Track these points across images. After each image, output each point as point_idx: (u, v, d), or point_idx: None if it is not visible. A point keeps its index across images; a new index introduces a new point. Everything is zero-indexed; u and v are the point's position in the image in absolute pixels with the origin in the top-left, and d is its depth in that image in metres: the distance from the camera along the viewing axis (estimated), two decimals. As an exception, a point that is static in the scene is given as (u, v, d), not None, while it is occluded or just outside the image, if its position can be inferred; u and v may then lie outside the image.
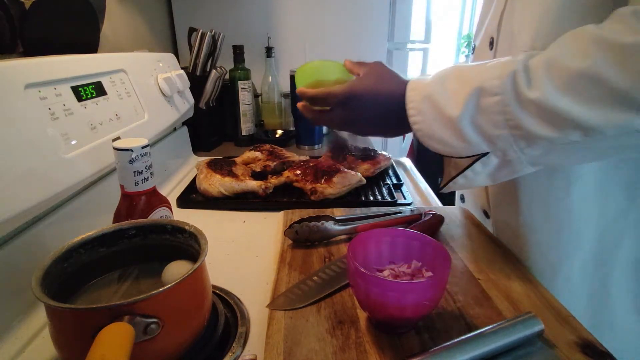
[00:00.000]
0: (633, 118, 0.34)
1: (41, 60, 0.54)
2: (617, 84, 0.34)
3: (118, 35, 0.94)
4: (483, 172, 0.45)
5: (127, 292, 0.43)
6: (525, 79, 0.39)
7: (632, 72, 0.33)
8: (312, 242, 0.59)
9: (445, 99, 0.44)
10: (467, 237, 0.61)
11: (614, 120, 0.35)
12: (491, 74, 0.41)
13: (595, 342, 0.39)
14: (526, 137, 0.40)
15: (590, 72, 0.35)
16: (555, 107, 0.36)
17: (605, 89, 0.34)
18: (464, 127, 0.42)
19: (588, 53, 0.35)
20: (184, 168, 1.01)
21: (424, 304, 0.39)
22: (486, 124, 0.41)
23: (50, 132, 0.51)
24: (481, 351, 0.37)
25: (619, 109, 0.34)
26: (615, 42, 0.34)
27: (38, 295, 0.33)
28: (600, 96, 0.35)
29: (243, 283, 0.53)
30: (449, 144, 0.44)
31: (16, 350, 0.43)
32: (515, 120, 0.39)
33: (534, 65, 0.39)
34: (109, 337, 0.30)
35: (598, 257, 0.52)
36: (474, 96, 0.41)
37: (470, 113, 0.42)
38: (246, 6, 1.27)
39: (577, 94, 0.36)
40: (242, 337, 0.44)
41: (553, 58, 0.38)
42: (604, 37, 0.35)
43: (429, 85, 0.46)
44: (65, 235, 0.45)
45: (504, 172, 0.44)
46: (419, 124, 0.46)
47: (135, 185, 0.48)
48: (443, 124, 0.44)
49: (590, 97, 0.35)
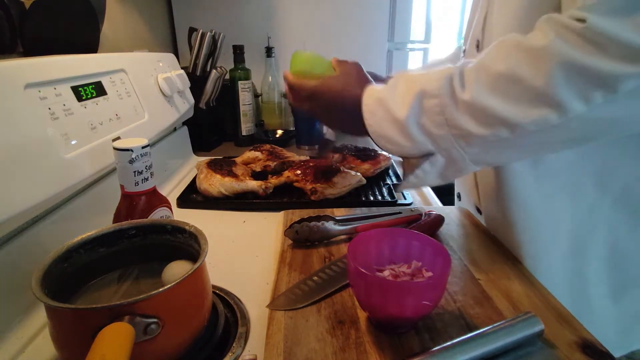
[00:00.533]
0: (547, 114, 0.37)
1: (41, 60, 0.54)
2: (532, 82, 0.37)
3: (118, 35, 0.94)
4: (432, 171, 0.48)
5: (127, 292, 0.43)
6: (459, 82, 0.42)
7: (543, 72, 0.36)
8: (312, 242, 0.59)
9: (393, 101, 0.47)
10: (467, 237, 0.61)
11: (532, 116, 0.38)
12: (432, 78, 0.45)
13: (596, 342, 0.39)
14: (464, 135, 0.43)
15: (509, 72, 0.39)
16: (484, 106, 0.40)
17: (522, 88, 0.38)
18: (410, 127, 0.45)
19: (508, 56, 0.39)
20: (184, 168, 1.01)
21: (424, 304, 0.39)
22: (429, 124, 0.44)
23: (50, 132, 0.51)
24: (481, 351, 0.37)
25: (536, 105, 0.38)
26: (529, 46, 0.38)
27: (38, 295, 0.33)
28: (520, 95, 0.39)
29: (243, 283, 0.53)
30: (398, 144, 0.47)
31: (16, 350, 0.43)
32: (452, 120, 0.43)
33: (467, 70, 0.43)
34: (109, 337, 0.30)
35: (575, 249, 0.55)
36: (417, 98, 0.44)
37: (415, 114, 0.45)
38: (246, 6, 1.27)
39: (500, 94, 0.40)
40: (242, 337, 0.44)
41: (481, 62, 0.42)
42: (521, 41, 0.39)
43: (382, 90, 0.50)
44: (65, 235, 0.44)
45: (451, 171, 0.47)
46: (372, 126, 0.49)
47: (135, 185, 0.48)
48: (392, 124, 0.47)
49: (511, 96, 0.39)
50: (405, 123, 0.45)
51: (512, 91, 0.39)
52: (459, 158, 0.45)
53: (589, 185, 0.52)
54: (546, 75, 0.36)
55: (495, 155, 0.45)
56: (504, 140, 0.41)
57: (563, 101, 0.36)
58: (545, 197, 0.53)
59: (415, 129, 0.45)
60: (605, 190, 0.52)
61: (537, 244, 0.55)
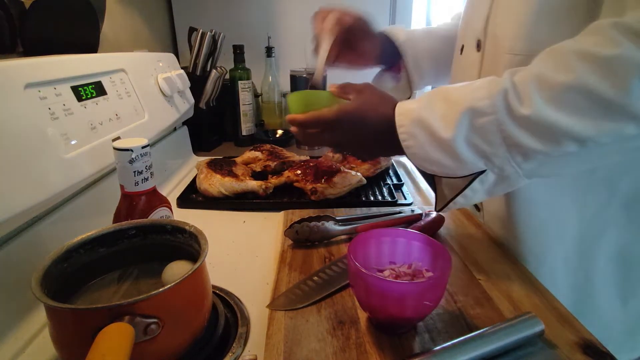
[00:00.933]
0: (623, 125, 0.35)
1: (41, 60, 0.54)
2: (605, 94, 0.35)
3: (118, 35, 0.94)
4: (481, 189, 0.45)
5: (127, 292, 0.43)
6: (515, 96, 0.40)
7: (616, 82, 0.34)
8: (312, 242, 0.59)
9: (436, 122, 0.44)
10: (467, 237, 0.61)
11: (605, 130, 0.36)
12: (480, 94, 0.42)
13: (596, 342, 0.39)
14: (523, 152, 0.40)
15: (576, 84, 0.36)
16: (549, 121, 0.37)
17: (593, 100, 0.36)
18: (458, 147, 0.42)
19: (572, 67, 0.37)
20: (184, 168, 1.01)
21: (425, 304, 0.39)
22: (482, 143, 0.42)
23: (50, 132, 0.51)
24: (482, 351, 0.37)
25: (609, 118, 0.36)
26: (598, 55, 0.35)
27: (38, 296, 0.33)
28: (590, 107, 0.36)
29: (243, 283, 0.53)
30: (444, 165, 0.45)
31: (16, 350, 0.43)
32: (511, 138, 0.40)
33: (520, 82, 0.40)
34: (109, 337, 0.30)
35: (581, 250, 0.54)
36: (465, 117, 0.42)
37: (464, 134, 0.42)
38: (246, 6, 1.27)
39: (567, 107, 0.37)
40: (242, 338, 0.44)
41: (538, 74, 0.39)
42: (586, 49, 0.36)
43: (417, 109, 0.46)
44: (65, 235, 0.44)
45: (500, 187, 0.45)
46: (412, 148, 0.46)
47: (135, 185, 0.48)
48: (436, 146, 0.44)
49: (580, 108, 0.36)
50: (453, 144, 0.42)
51: (582, 104, 0.36)
52: (512, 174, 0.43)
53: (599, 187, 0.51)
54: (622, 86, 0.34)
55: (551, 168, 0.43)
56: (567, 155, 0.39)
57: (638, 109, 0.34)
58: (552, 196, 0.52)
59: (465, 149, 0.42)
60: (615, 192, 0.51)
61: (540, 243, 0.55)
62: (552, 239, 0.54)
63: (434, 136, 0.44)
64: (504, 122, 0.40)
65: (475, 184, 0.45)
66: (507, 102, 0.40)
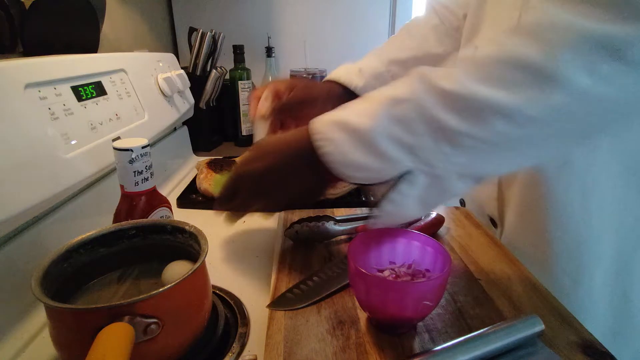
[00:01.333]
0: (550, 93, 0.33)
1: (41, 60, 0.54)
2: (532, 59, 0.33)
3: (118, 35, 0.94)
4: (411, 194, 0.40)
5: (127, 292, 0.43)
6: (436, 74, 0.37)
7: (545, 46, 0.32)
8: (312, 242, 0.59)
9: (354, 118, 0.39)
10: (467, 238, 0.61)
11: (532, 99, 0.33)
12: (399, 84, 0.39)
13: (596, 342, 0.39)
14: (449, 138, 0.36)
15: (504, 55, 0.34)
16: (472, 94, 0.34)
17: (520, 68, 0.33)
18: (380, 142, 0.38)
19: (502, 41, 0.35)
20: (184, 168, 1.01)
21: (424, 304, 0.39)
22: (404, 134, 0.37)
23: (50, 132, 0.51)
24: (481, 351, 0.37)
25: (536, 85, 0.33)
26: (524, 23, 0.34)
27: (38, 296, 0.33)
28: (516, 76, 0.34)
29: (243, 283, 0.53)
30: (369, 168, 0.39)
31: (16, 350, 0.43)
32: (434, 120, 0.36)
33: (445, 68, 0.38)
34: (109, 337, 0.30)
35: (619, 266, 0.51)
36: (385, 106, 0.38)
37: (384, 125, 0.38)
38: (246, 6, 1.27)
39: (492, 79, 0.34)
40: (242, 338, 0.44)
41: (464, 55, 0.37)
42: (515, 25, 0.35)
43: (334, 113, 0.42)
44: (65, 235, 0.44)
45: (434, 193, 0.40)
46: (332, 154, 0.40)
47: (135, 185, 0.48)
48: (356, 145, 0.39)
49: (506, 79, 0.34)
50: (373, 137, 0.38)
51: (509, 74, 0.34)
52: (442, 173, 0.38)
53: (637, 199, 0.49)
54: (550, 50, 0.32)
55: (485, 162, 0.38)
56: (497, 137, 0.35)
57: (568, 76, 0.32)
58: (590, 213, 0.50)
59: (387, 143, 0.38)
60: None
61: (576, 262, 0.52)
62: (590, 257, 0.51)
63: (353, 134, 0.39)
64: (425, 105, 0.36)
65: (403, 186, 0.39)
66: (427, 81, 0.37)
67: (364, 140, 0.38)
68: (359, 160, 0.39)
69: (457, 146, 0.36)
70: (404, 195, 0.40)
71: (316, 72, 1.13)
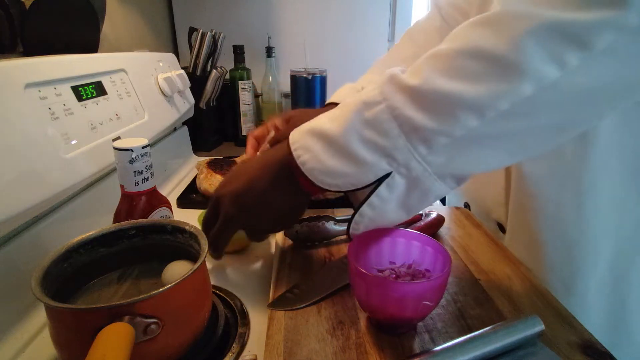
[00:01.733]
0: (518, 85, 0.31)
1: (41, 60, 0.54)
2: (496, 51, 0.31)
3: (118, 35, 0.94)
4: (391, 198, 0.39)
5: (127, 292, 0.43)
6: (404, 74, 0.36)
7: (508, 37, 0.31)
8: (312, 242, 0.59)
9: (327, 124, 0.39)
10: (467, 238, 0.61)
11: (500, 92, 0.32)
12: (371, 88, 0.38)
13: (596, 342, 0.39)
14: (423, 138, 0.35)
15: (468, 47, 0.33)
16: (440, 90, 0.33)
17: (485, 61, 0.32)
18: (353, 147, 0.37)
19: (464, 34, 0.34)
20: (184, 168, 1.01)
21: (424, 304, 0.39)
22: (377, 137, 0.37)
23: (50, 132, 0.51)
24: (481, 351, 0.37)
25: (503, 78, 0.32)
26: (486, 16, 0.33)
27: (38, 296, 0.33)
28: (482, 70, 0.32)
29: (243, 283, 0.53)
30: (346, 174, 0.39)
31: (16, 350, 0.43)
32: (406, 121, 0.35)
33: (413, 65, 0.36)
34: (109, 337, 0.30)
35: (616, 273, 0.49)
36: (356, 112, 0.38)
37: (356, 130, 0.37)
38: (246, 6, 1.27)
39: (459, 73, 0.33)
40: (242, 338, 0.44)
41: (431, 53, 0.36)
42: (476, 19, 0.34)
43: (310, 122, 0.42)
44: (65, 235, 0.44)
45: (415, 196, 0.39)
46: (309, 162, 0.40)
47: (135, 185, 0.48)
48: (332, 152, 0.39)
49: (472, 73, 0.33)
50: (345, 142, 0.37)
51: (474, 68, 0.32)
52: (421, 174, 0.37)
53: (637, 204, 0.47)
54: (512, 39, 0.31)
55: (464, 160, 0.37)
56: (471, 133, 0.34)
57: (534, 66, 0.30)
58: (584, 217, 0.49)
59: (360, 147, 0.37)
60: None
61: (571, 268, 0.51)
62: (584, 263, 0.50)
63: (327, 140, 0.39)
64: (395, 105, 0.35)
65: (382, 189, 0.39)
66: (396, 81, 0.36)
67: (337, 145, 0.38)
68: (335, 166, 0.39)
69: (432, 145, 0.35)
70: (384, 200, 0.39)
71: (316, 72, 1.12)
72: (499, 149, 0.37)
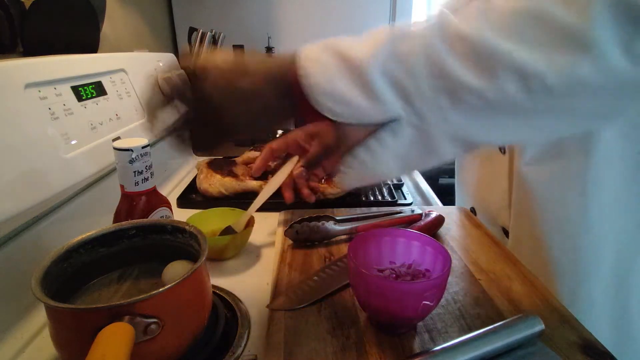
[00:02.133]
0: (577, 60, 0.28)
1: (41, 60, 0.54)
2: (563, 19, 0.28)
3: (118, 35, 0.94)
4: (392, 146, 0.34)
5: (127, 292, 0.43)
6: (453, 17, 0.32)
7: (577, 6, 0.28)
8: (313, 242, 0.59)
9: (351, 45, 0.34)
10: (467, 238, 0.61)
11: (556, 63, 0.29)
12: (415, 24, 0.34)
13: (596, 342, 0.39)
14: (450, 89, 0.31)
15: (532, 8, 0.30)
16: (489, 44, 0.30)
17: (548, 26, 0.29)
18: (372, 76, 0.32)
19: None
20: (184, 168, 1.01)
21: (424, 304, 0.39)
22: (401, 73, 0.32)
23: (50, 132, 0.51)
24: (481, 351, 0.37)
25: (564, 49, 0.29)
26: None
27: (38, 296, 0.33)
28: (542, 35, 0.29)
29: (243, 283, 0.53)
30: (350, 102, 0.33)
31: (16, 350, 0.43)
32: (439, 64, 0.31)
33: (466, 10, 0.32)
34: (109, 337, 0.30)
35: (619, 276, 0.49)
36: (390, 41, 0.33)
37: (383, 58, 0.32)
38: (246, 6, 1.27)
39: (515, 32, 0.30)
40: (242, 338, 0.44)
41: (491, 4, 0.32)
42: None
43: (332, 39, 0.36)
44: (65, 235, 0.44)
45: (417, 151, 0.35)
46: (314, 76, 0.34)
47: (135, 185, 0.48)
48: (345, 72, 0.33)
49: (530, 36, 0.30)
50: (366, 68, 0.32)
51: (534, 31, 0.29)
52: (433, 129, 0.33)
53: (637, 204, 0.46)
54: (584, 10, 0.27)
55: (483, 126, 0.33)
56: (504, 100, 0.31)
57: (600, 42, 0.27)
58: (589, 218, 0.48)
59: (380, 79, 0.32)
60: None
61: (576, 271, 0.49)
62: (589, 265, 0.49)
63: (344, 60, 0.33)
64: (434, 46, 0.31)
65: (385, 135, 0.34)
66: (445, 21, 0.32)
67: (354, 69, 0.33)
68: (343, 90, 0.33)
69: (457, 101, 0.31)
70: (384, 146, 0.35)
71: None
72: (525, 123, 0.33)
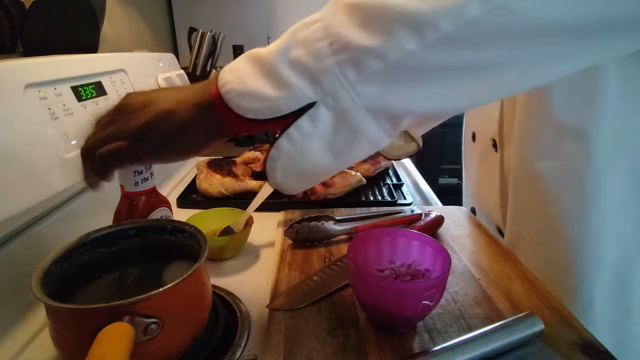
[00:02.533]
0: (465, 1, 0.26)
1: (41, 60, 0.54)
2: None
3: (118, 35, 0.94)
4: (314, 133, 0.33)
5: (127, 292, 0.43)
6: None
7: None
8: (312, 242, 0.59)
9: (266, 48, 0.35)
10: (467, 237, 0.61)
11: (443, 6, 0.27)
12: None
13: (596, 342, 0.39)
14: (354, 59, 0.30)
15: None
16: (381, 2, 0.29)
17: None
18: (278, 66, 0.33)
19: None
20: (184, 168, 1.01)
21: (424, 304, 0.39)
22: (305, 57, 0.32)
23: (50, 132, 0.51)
24: (481, 351, 0.37)
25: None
26: None
27: (38, 296, 0.33)
28: None
29: (243, 283, 0.53)
30: (265, 97, 0.33)
31: (16, 350, 0.43)
32: (339, 37, 0.30)
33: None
34: (109, 337, 0.30)
35: (619, 278, 0.48)
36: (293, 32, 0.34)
37: (287, 48, 0.33)
38: (246, 6, 1.27)
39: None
40: (242, 337, 0.44)
41: None
42: None
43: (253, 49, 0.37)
44: (65, 235, 0.44)
45: (343, 135, 0.33)
46: (230, 83, 0.35)
47: (135, 185, 0.48)
48: (257, 72, 0.34)
49: None
50: (272, 60, 0.33)
51: None
52: (349, 106, 0.32)
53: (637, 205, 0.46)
54: None
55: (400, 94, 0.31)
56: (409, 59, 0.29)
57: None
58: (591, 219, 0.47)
59: (286, 67, 0.32)
60: None
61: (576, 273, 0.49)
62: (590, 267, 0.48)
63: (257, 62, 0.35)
64: (331, 22, 0.31)
65: (303, 121, 0.33)
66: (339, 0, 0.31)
67: (262, 64, 0.34)
68: (255, 87, 0.34)
69: (363, 70, 0.30)
70: (305, 134, 0.34)
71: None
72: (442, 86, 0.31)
